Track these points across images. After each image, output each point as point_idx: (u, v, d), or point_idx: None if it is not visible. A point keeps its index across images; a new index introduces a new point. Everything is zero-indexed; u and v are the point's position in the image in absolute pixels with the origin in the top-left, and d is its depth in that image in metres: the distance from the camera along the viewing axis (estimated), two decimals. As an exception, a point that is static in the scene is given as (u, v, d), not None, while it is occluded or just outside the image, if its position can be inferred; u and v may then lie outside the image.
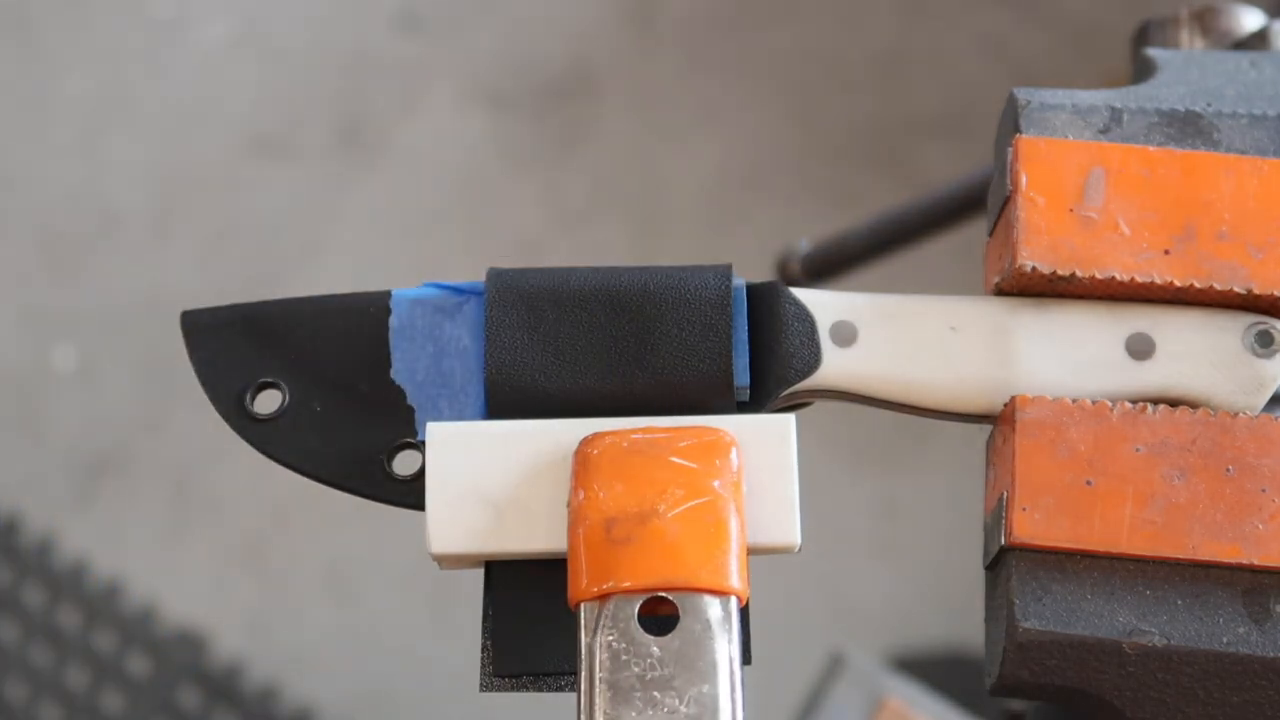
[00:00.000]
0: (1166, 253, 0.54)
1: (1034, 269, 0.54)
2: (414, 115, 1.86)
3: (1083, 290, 0.55)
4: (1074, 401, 0.53)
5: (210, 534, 1.70)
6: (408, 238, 1.83)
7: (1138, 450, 0.53)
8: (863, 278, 0.94)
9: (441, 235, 1.82)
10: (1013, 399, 0.54)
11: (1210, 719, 0.52)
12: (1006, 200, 0.55)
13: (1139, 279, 0.54)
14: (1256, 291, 0.54)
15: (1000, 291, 0.56)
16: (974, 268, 0.59)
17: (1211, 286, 0.54)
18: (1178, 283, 0.54)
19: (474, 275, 0.57)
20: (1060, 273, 0.54)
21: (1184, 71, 0.58)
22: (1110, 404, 0.53)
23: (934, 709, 1.08)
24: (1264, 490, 0.52)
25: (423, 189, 1.84)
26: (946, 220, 0.92)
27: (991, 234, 0.57)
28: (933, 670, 1.33)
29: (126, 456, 1.72)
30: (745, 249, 1.45)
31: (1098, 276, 0.54)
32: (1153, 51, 0.60)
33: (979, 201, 0.88)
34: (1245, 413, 0.53)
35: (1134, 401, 0.54)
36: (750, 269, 0.60)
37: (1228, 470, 0.53)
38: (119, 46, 1.91)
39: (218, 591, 1.68)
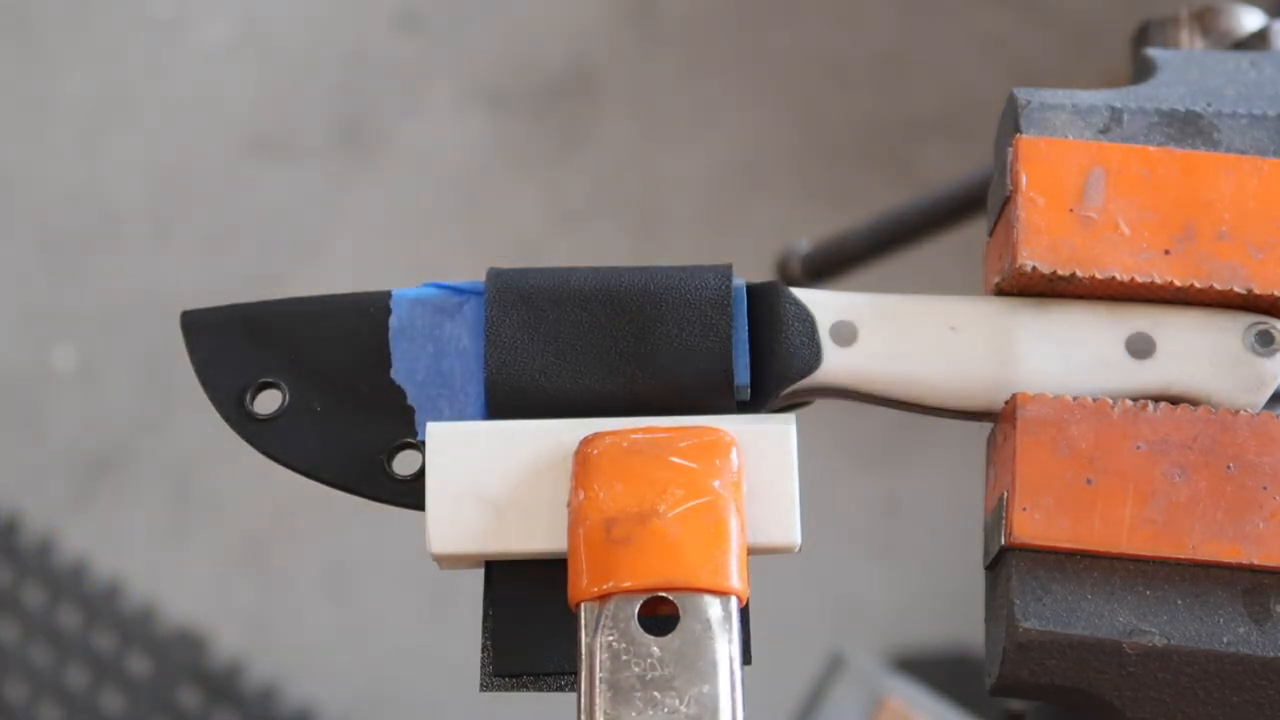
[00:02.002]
0: (1166, 253, 0.54)
1: (1034, 269, 0.54)
2: (414, 115, 1.86)
3: (1083, 290, 0.55)
4: (1075, 399, 0.53)
5: (210, 534, 1.70)
6: (407, 237, 1.83)
7: (1138, 448, 0.53)
8: (863, 278, 0.94)
9: (441, 235, 1.82)
10: (1013, 397, 0.54)
11: (1210, 719, 0.52)
12: (1006, 200, 0.55)
13: (1139, 279, 0.54)
14: (1257, 291, 0.54)
15: (1000, 291, 0.56)
16: (974, 268, 0.59)
17: (1211, 286, 0.54)
18: (1178, 283, 0.54)
19: (474, 275, 0.57)
20: (1060, 273, 0.54)
21: (1184, 71, 0.58)
22: (1111, 402, 0.53)
23: (934, 709, 1.08)
24: (1265, 488, 0.52)
25: (423, 189, 1.84)
26: (946, 220, 0.92)
27: (991, 234, 0.57)
28: (933, 670, 1.33)
29: (126, 456, 1.72)
30: (745, 249, 1.45)
31: (1098, 276, 0.54)
32: (1153, 51, 0.60)
33: (979, 201, 0.88)
34: (1246, 411, 0.53)
35: (1134, 400, 0.54)
36: (750, 269, 0.60)
37: (1228, 468, 0.52)
38: (119, 46, 1.91)
39: (218, 591, 1.68)
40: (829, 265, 0.95)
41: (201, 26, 1.93)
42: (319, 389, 0.56)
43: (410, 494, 0.55)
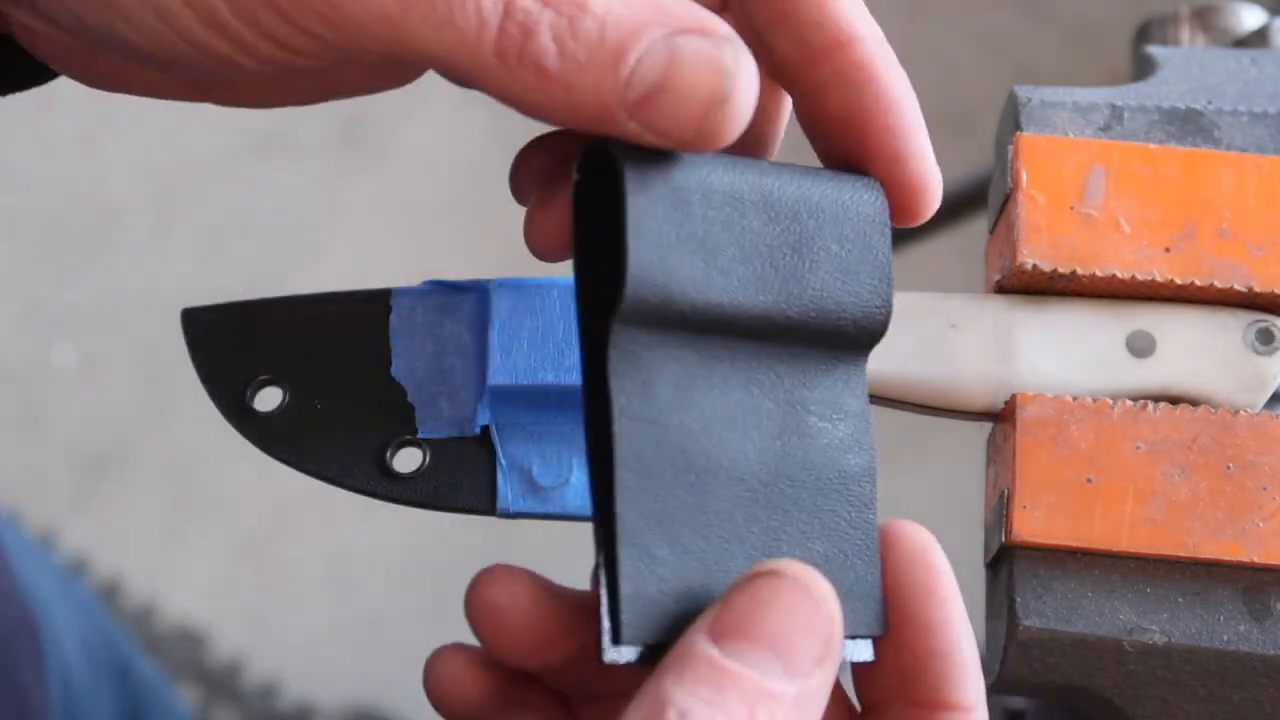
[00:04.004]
0: (1167, 250, 0.54)
1: (1034, 267, 0.54)
2: (414, 113, 1.86)
3: (1083, 288, 0.55)
4: (1074, 399, 0.53)
5: (211, 531, 1.70)
6: (408, 235, 1.83)
7: (1138, 448, 0.53)
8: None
9: (441, 233, 1.82)
10: (1013, 396, 0.54)
11: (1211, 716, 0.52)
12: (1007, 198, 0.55)
13: (1139, 277, 0.54)
14: (1257, 289, 0.54)
15: (1001, 289, 0.56)
16: (975, 265, 0.59)
17: (1212, 284, 0.54)
18: (1178, 280, 0.54)
19: (474, 273, 0.57)
20: (1061, 270, 0.54)
21: (1185, 69, 0.59)
22: (1111, 402, 0.53)
23: (934, 707, 1.08)
24: (1264, 488, 0.52)
25: (423, 186, 1.84)
26: (947, 218, 0.92)
27: (992, 232, 0.57)
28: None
29: (127, 453, 1.72)
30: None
31: (1098, 274, 0.54)
32: (1153, 49, 0.60)
33: (980, 199, 0.88)
34: (1246, 410, 0.53)
35: (1135, 399, 0.54)
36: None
37: (1228, 468, 0.53)
38: (119, 44, 1.91)
39: (218, 588, 1.68)
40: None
41: (202, 24, 1.93)
42: (319, 386, 0.56)
43: (411, 492, 0.55)
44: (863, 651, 0.45)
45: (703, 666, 0.40)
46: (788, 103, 0.50)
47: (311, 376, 0.56)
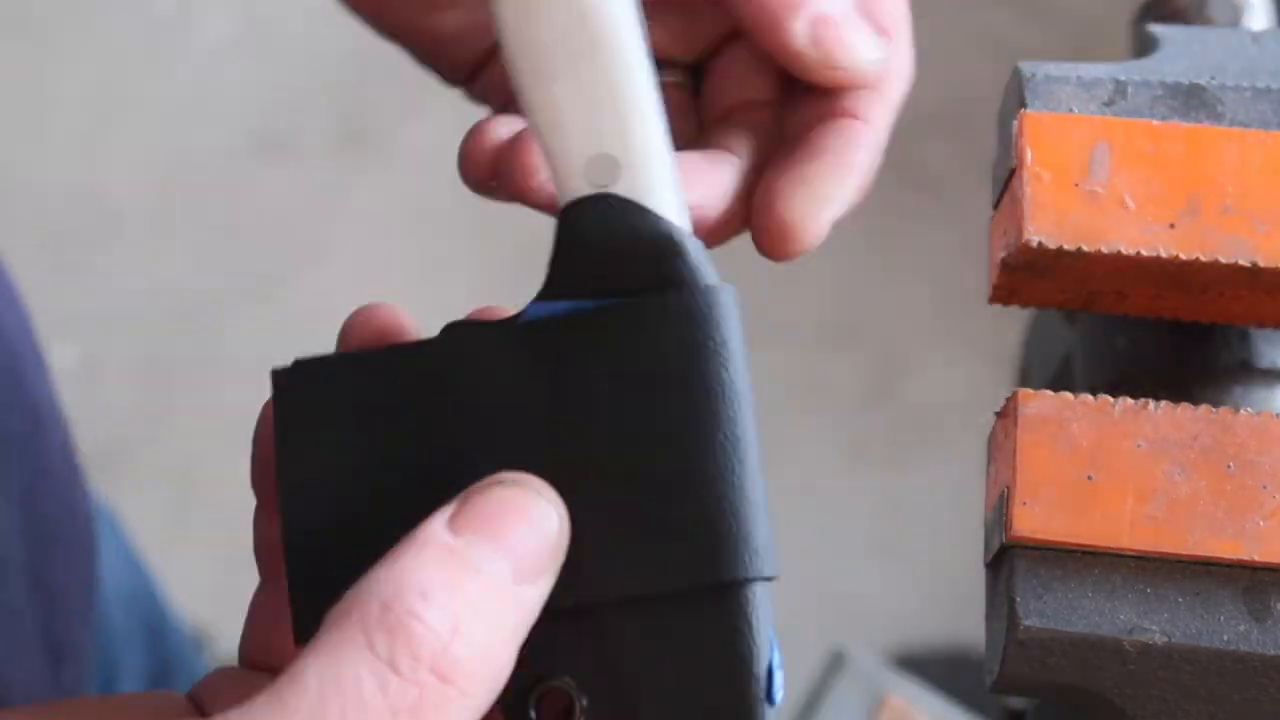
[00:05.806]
0: (1171, 227, 0.54)
1: (1040, 244, 0.54)
2: (416, 114, 1.86)
3: (1089, 265, 0.55)
4: (1076, 397, 0.53)
5: (211, 533, 1.70)
6: (410, 236, 1.83)
7: (1139, 446, 0.53)
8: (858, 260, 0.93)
9: (443, 234, 1.82)
10: (1015, 393, 0.54)
11: (1211, 717, 0.52)
12: (1011, 175, 0.55)
13: (1144, 253, 0.54)
14: (1261, 264, 0.54)
15: (1007, 266, 0.56)
16: (975, 244, 0.59)
17: (1216, 260, 0.54)
18: (1183, 256, 0.54)
19: (475, 274, 0.57)
20: (1066, 247, 0.54)
21: (1186, 46, 0.59)
22: (1112, 400, 0.53)
23: (935, 706, 1.08)
24: (1265, 487, 0.52)
25: (425, 187, 1.84)
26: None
27: (996, 208, 0.57)
28: (934, 668, 1.33)
29: (127, 455, 1.72)
30: (744, 248, 1.44)
31: (1104, 251, 0.54)
32: (1155, 27, 0.60)
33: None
34: (1246, 411, 0.53)
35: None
36: (750, 267, 0.60)
37: (1229, 467, 0.53)
38: (121, 44, 1.91)
39: (219, 591, 1.68)
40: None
41: (203, 24, 1.93)
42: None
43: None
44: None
45: (443, 552, 0.42)
46: None
47: None
